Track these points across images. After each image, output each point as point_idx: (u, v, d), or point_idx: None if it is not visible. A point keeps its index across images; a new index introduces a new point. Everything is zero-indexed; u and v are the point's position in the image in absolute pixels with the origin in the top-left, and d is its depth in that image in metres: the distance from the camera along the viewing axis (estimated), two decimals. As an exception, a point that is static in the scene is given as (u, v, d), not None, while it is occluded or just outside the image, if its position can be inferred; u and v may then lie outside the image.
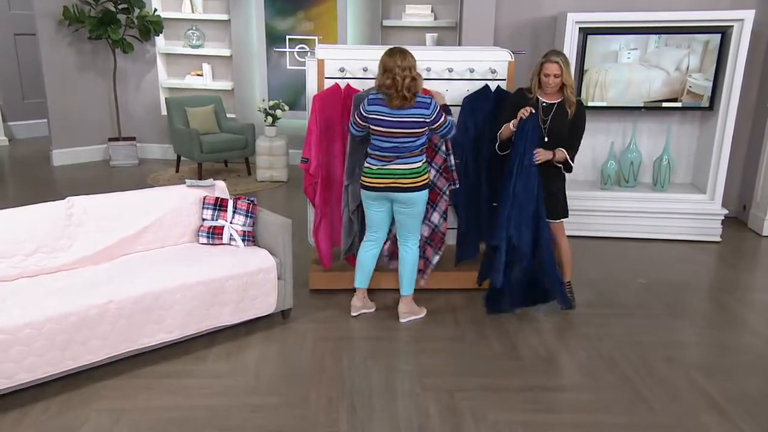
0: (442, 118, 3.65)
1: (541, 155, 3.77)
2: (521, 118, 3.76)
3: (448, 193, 4.14)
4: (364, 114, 3.64)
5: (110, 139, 7.71)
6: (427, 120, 3.60)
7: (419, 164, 3.70)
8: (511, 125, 3.83)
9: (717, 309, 4.31)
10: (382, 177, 3.68)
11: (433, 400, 3.18)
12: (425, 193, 3.76)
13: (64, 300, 3.12)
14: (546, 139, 3.84)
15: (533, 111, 3.75)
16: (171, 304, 3.39)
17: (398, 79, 3.48)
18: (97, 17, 7.13)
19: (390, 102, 3.55)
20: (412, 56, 3.56)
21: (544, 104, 3.85)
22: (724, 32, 5.18)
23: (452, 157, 4.06)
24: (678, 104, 5.41)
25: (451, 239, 4.47)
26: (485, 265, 4.18)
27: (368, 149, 3.74)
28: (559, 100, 3.84)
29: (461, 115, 4.15)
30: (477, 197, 4.24)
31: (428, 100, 3.61)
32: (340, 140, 4.15)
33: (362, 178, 3.78)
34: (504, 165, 3.93)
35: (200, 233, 3.94)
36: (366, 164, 3.76)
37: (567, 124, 3.83)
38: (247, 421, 2.99)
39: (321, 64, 4.16)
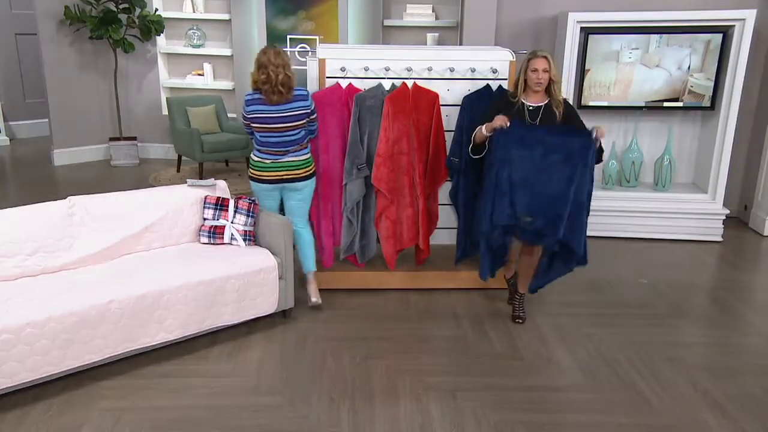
0: (315, 114, 3.90)
1: (602, 132, 3.66)
2: (497, 127, 3.59)
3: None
4: (245, 114, 3.81)
5: (111, 139, 7.71)
6: (308, 110, 3.83)
7: (308, 155, 3.94)
8: (485, 130, 3.67)
9: (719, 309, 4.31)
10: (277, 170, 3.85)
11: (435, 399, 3.18)
12: (314, 180, 4.01)
13: (66, 299, 3.12)
14: None
15: (507, 122, 3.59)
16: (172, 303, 3.39)
17: (272, 75, 3.64)
18: (98, 17, 7.13)
19: (268, 98, 3.70)
20: (287, 55, 3.74)
21: (531, 108, 3.72)
22: (725, 32, 5.18)
23: None
24: (679, 104, 5.40)
25: (451, 239, 4.47)
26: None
27: (256, 144, 3.89)
28: (545, 102, 3.72)
29: (461, 114, 4.15)
30: (476, 196, 4.23)
31: (306, 93, 3.82)
32: (340, 139, 4.15)
33: (254, 171, 3.92)
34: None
35: (201, 233, 3.94)
36: (256, 158, 3.89)
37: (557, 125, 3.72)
38: (249, 421, 2.99)
39: (322, 63, 4.17)
